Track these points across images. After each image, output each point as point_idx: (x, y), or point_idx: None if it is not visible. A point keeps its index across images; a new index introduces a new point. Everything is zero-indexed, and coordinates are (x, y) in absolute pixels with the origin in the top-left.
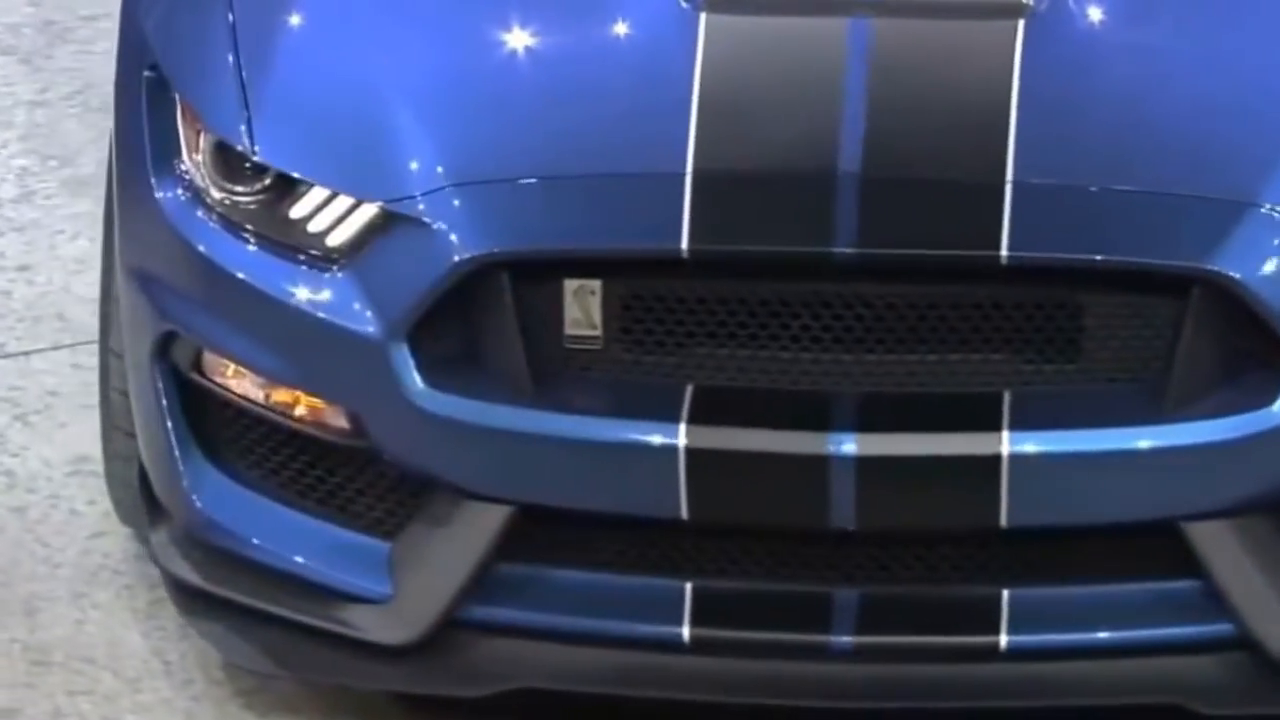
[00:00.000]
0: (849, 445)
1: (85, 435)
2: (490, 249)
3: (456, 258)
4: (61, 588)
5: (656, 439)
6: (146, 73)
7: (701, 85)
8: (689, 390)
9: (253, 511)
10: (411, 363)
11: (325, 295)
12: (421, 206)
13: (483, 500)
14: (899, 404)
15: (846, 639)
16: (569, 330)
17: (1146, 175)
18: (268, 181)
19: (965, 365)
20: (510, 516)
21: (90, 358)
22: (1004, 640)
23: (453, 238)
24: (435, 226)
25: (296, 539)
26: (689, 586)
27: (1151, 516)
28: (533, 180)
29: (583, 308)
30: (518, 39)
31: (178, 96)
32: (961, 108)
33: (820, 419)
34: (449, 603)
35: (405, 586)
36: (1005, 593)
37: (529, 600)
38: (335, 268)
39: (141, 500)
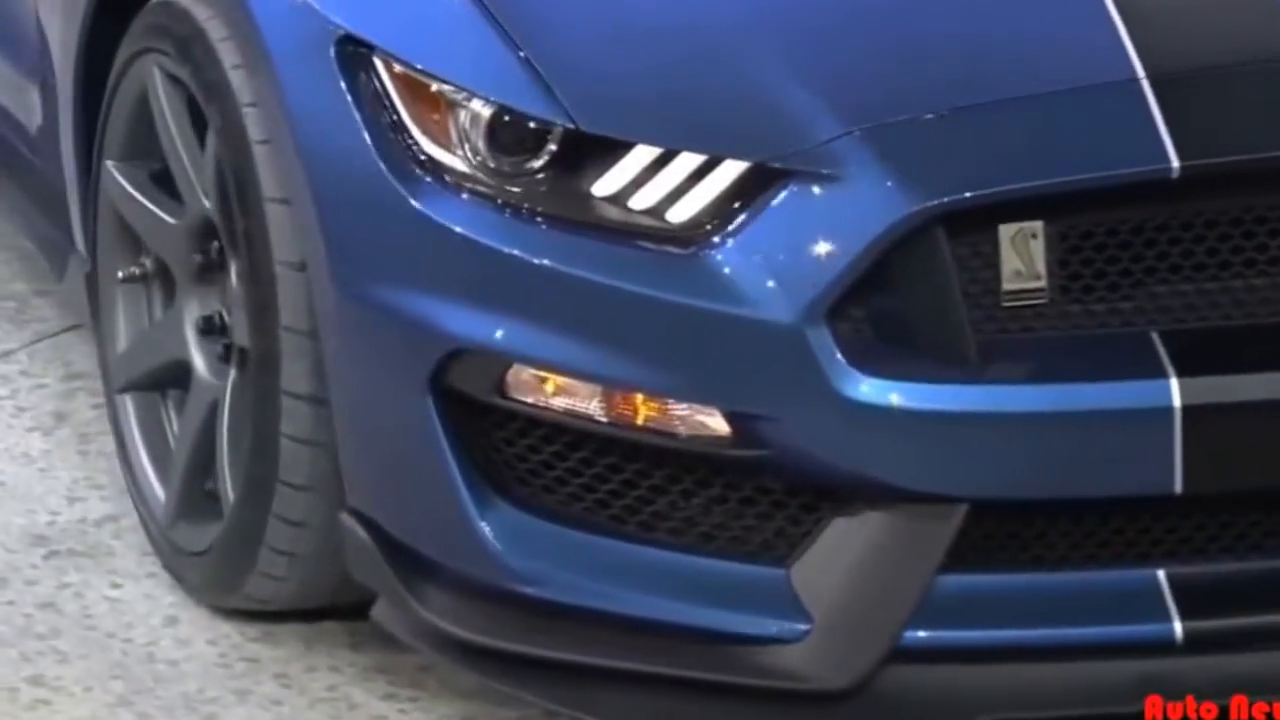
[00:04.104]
0: None
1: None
2: (930, 200)
3: (890, 217)
4: (210, 685)
5: (1146, 402)
6: (334, 49)
7: None
8: (1156, 338)
9: (586, 556)
10: (834, 347)
11: (704, 281)
12: (821, 160)
13: (926, 500)
14: None
15: None
16: (1007, 285)
17: None
18: (548, 156)
19: None
20: (963, 516)
21: None
22: None
23: (877, 193)
24: (846, 182)
25: (655, 580)
26: (1162, 574)
27: None
28: (949, 113)
29: (1023, 256)
30: None
31: (389, 70)
32: None
33: None
34: (894, 630)
35: (828, 619)
36: None
37: (980, 615)
38: (702, 245)
39: (385, 562)
